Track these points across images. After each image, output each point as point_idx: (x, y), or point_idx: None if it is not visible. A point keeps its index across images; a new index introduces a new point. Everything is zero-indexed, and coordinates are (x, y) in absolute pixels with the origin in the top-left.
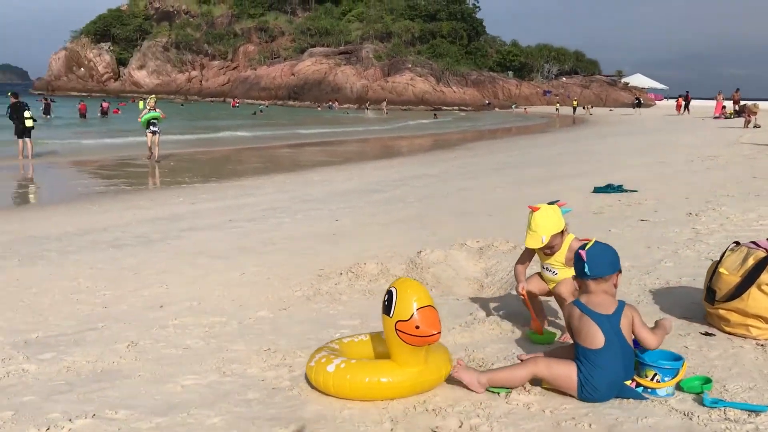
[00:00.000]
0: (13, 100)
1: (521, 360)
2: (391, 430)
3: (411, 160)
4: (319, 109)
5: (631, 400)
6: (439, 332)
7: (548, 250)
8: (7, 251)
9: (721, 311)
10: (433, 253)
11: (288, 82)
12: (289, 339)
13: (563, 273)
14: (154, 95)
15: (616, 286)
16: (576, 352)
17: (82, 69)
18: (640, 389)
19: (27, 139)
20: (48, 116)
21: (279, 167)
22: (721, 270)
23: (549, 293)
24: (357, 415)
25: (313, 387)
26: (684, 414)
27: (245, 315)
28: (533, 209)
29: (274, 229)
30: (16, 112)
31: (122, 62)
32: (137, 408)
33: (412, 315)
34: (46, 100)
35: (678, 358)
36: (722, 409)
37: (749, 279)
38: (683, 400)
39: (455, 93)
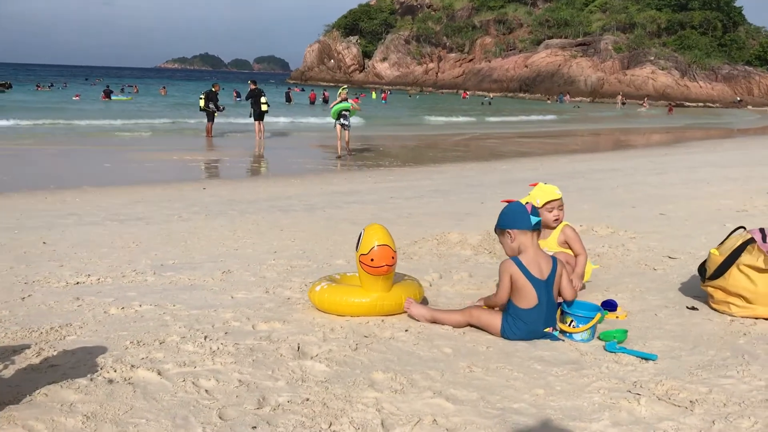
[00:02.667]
0: (253, 87)
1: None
2: (332, 329)
3: (605, 155)
4: (548, 101)
5: (546, 340)
6: (389, 265)
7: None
8: (204, 208)
9: (709, 288)
10: None
11: (520, 74)
12: None
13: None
14: (345, 85)
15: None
16: (509, 305)
17: (332, 61)
18: (556, 333)
19: (261, 122)
20: (289, 103)
21: (476, 156)
22: (712, 250)
23: None
24: (321, 321)
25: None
26: (581, 353)
27: (333, 262)
28: (532, 185)
29: (420, 207)
30: (254, 98)
31: (367, 54)
32: (188, 303)
33: (370, 250)
34: (294, 89)
35: (595, 309)
36: (618, 354)
37: (731, 259)
38: (593, 345)
39: (701, 88)
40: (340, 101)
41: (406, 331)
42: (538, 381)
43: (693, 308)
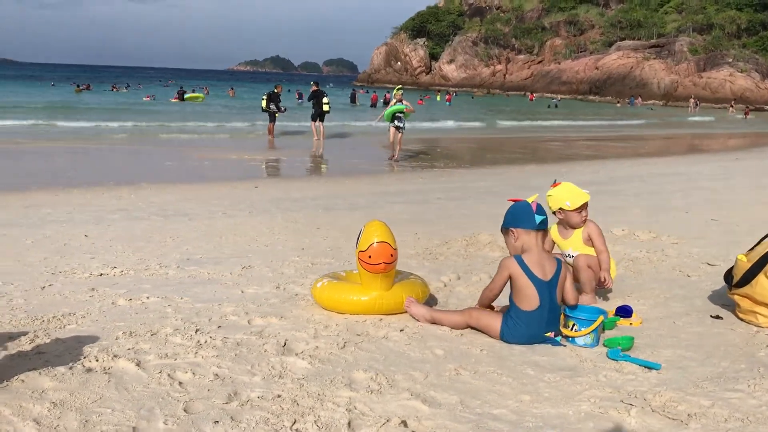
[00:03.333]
0: (315, 88)
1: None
2: (326, 327)
3: (671, 159)
4: (618, 104)
5: (547, 345)
6: (387, 263)
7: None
8: (250, 206)
9: (736, 297)
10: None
11: (590, 77)
12: None
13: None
14: (400, 86)
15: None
16: (510, 306)
17: (399, 63)
18: (558, 339)
19: (321, 123)
20: (354, 104)
21: (536, 158)
22: (739, 256)
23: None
24: (319, 318)
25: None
26: (580, 359)
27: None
28: (553, 185)
29: (464, 208)
30: (316, 98)
31: (434, 57)
32: (196, 297)
33: (369, 247)
34: (360, 91)
35: (598, 313)
36: (620, 362)
37: (758, 265)
38: (595, 351)
39: None
40: (395, 103)
41: (401, 331)
42: (527, 387)
43: (717, 317)
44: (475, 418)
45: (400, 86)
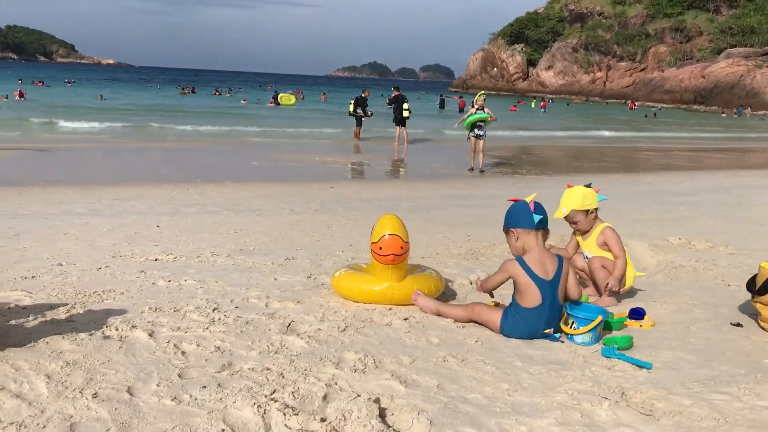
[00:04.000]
0: (396, 93)
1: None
2: (335, 312)
3: (766, 172)
4: (723, 115)
5: (546, 340)
6: (396, 255)
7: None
8: (319, 205)
9: (758, 305)
10: None
11: (695, 85)
12: None
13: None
14: (482, 92)
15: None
16: (511, 302)
17: (495, 69)
18: (558, 335)
19: (403, 128)
20: (443, 109)
21: (623, 167)
22: (762, 263)
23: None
24: (333, 305)
25: None
26: (574, 355)
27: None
28: (568, 186)
29: None
30: (397, 103)
31: (532, 63)
32: (230, 281)
33: (380, 239)
34: (453, 97)
35: (597, 312)
36: (613, 359)
37: None
38: (592, 349)
39: None
40: (477, 111)
41: (405, 320)
42: (509, 376)
43: (738, 325)
44: (446, 400)
45: (482, 92)
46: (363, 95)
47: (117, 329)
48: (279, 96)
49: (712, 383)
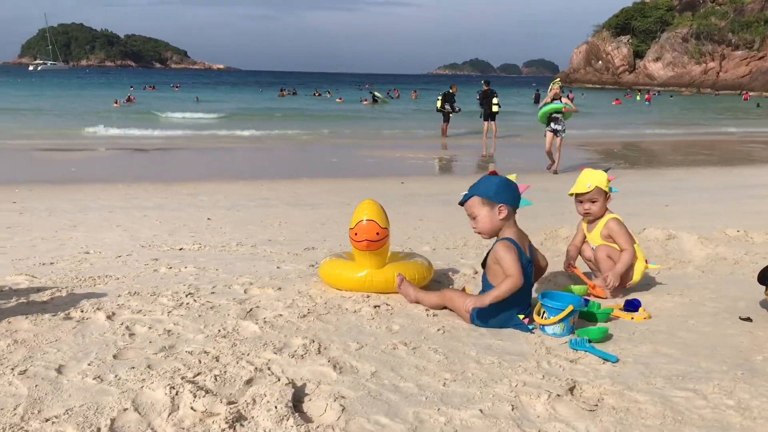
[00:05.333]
0: (485, 88)
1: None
2: (309, 298)
3: None
4: None
5: (514, 330)
6: (371, 241)
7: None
8: (377, 199)
9: None
10: (656, 231)
11: None
12: None
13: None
14: (557, 79)
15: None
16: (484, 286)
17: (600, 62)
18: (531, 326)
19: (492, 122)
20: (537, 104)
21: (720, 160)
22: None
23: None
24: (313, 292)
25: None
26: (538, 346)
27: (420, 248)
28: (582, 170)
29: None
30: (486, 98)
31: (638, 54)
32: (231, 269)
33: (357, 224)
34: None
35: (571, 301)
36: (579, 352)
37: None
38: (562, 340)
39: None
40: (552, 101)
41: (377, 307)
42: (455, 366)
43: (747, 319)
44: (374, 388)
45: (557, 78)
46: (451, 91)
47: (82, 311)
48: (374, 94)
49: (680, 379)
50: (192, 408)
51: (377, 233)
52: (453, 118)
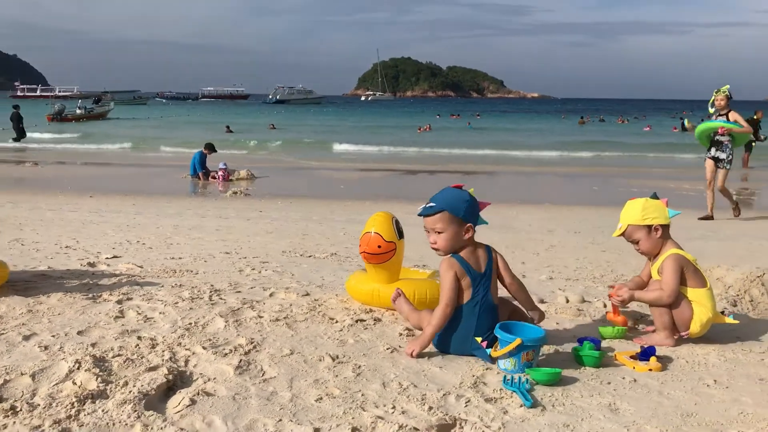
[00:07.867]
0: None
1: None
2: (313, 309)
3: None
4: None
5: (476, 358)
6: (369, 253)
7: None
8: (542, 225)
9: None
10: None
11: None
12: None
13: None
14: (725, 87)
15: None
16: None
17: None
18: (488, 350)
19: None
20: None
21: None
22: None
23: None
24: (330, 303)
25: None
26: (467, 378)
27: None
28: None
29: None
30: None
31: None
32: (282, 269)
33: (363, 235)
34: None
35: (536, 335)
36: (508, 391)
37: None
38: (498, 376)
39: None
40: (715, 117)
41: (360, 321)
42: (354, 386)
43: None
44: (251, 391)
45: (726, 86)
46: (755, 117)
47: (110, 295)
48: (685, 121)
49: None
50: (73, 382)
51: (378, 246)
52: (755, 148)
